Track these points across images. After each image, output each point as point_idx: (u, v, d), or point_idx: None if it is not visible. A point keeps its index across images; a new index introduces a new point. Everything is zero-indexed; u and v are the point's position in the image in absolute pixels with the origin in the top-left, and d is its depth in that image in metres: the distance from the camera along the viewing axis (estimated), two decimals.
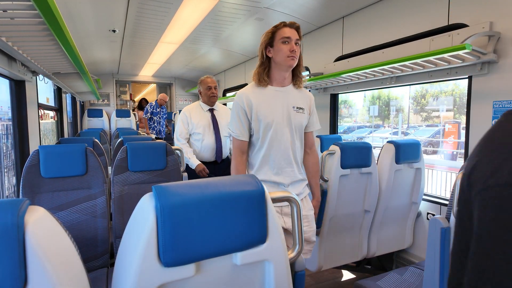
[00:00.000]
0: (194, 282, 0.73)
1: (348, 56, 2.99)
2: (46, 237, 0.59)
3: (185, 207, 0.68)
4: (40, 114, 3.30)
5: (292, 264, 0.95)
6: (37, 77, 3.12)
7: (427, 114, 13.98)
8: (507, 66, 1.82)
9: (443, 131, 10.43)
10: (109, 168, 2.73)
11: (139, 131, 5.89)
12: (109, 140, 5.58)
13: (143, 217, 0.68)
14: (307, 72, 3.51)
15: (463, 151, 2.49)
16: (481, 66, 1.92)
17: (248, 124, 1.55)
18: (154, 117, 5.85)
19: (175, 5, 2.87)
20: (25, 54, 2.29)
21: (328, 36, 3.24)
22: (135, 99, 9.14)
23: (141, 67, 6.17)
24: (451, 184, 5.62)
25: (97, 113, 6.68)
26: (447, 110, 12.18)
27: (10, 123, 2.80)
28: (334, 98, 3.42)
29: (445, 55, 1.85)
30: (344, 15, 3.02)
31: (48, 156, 1.69)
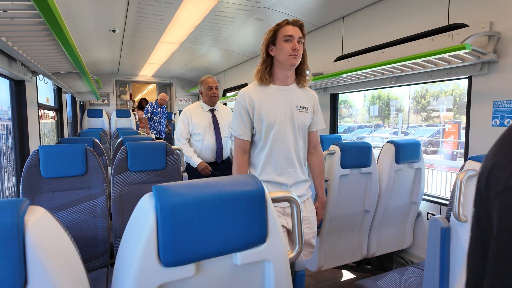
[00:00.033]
0: (194, 282, 0.73)
1: (348, 56, 2.98)
2: (46, 237, 0.59)
3: (185, 207, 0.68)
4: (40, 114, 3.30)
5: (292, 264, 0.95)
6: (37, 77, 3.12)
7: (427, 114, 13.98)
8: (507, 66, 1.82)
9: (443, 131, 10.43)
10: (109, 168, 2.73)
11: (139, 131, 5.89)
12: (109, 140, 5.58)
13: (143, 217, 0.68)
14: (307, 72, 3.50)
15: (463, 151, 2.49)
16: (481, 66, 1.92)
17: (250, 124, 1.52)
18: (155, 117, 5.86)
19: (175, 5, 2.87)
20: (25, 54, 2.29)
21: (328, 36, 3.24)
22: (135, 99, 9.14)
23: (141, 67, 6.17)
24: (451, 184, 5.62)
25: (97, 113, 6.68)
26: (447, 110, 12.19)
27: (10, 123, 2.80)
28: (334, 98, 3.42)
29: (445, 55, 1.85)
30: (344, 15, 3.02)
31: (48, 156, 1.69)
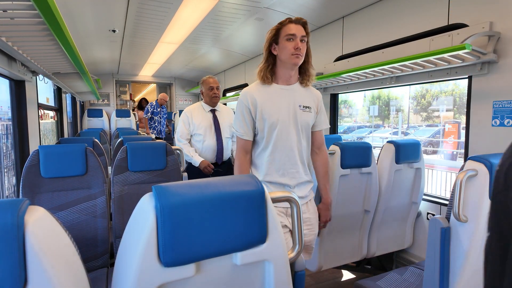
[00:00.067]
0: (194, 282, 0.73)
1: (348, 56, 2.98)
2: (46, 237, 0.59)
3: (185, 207, 0.68)
4: (40, 114, 3.30)
5: (292, 264, 0.95)
6: (37, 77, 3.12)
7: (427, 114, 13.98)
8: (507, 66, 1.82)
9: (443, 131, 10.43)
10: (109, 168, 2.73)
11: (139, 131, 5.89)
12: (109, 140, 5.58)
13: (143, 217, 0.68)
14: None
15: (463, 151, 2.49)
16: (481, 66, 1.92)
17: (253, 123, 1.50)
18: (155, 117, 5.86)
19: (175, 5, 2.87)
20: (25, 54, 2.29)
21: (328, 36, 3.24)
22: (135, 99, 9.14)
23: (141, 67, 6.17)
24: (451, 184, 5.62)
25: (97, 113, 6.68)
26: (447, 110, 12.19)
27: (10, 123, 2.80)
28: (334, 98, 3.42)
29: (445, 55, 1.85)
30: (344, 15, 3.02)
31: (48, 156, 1.69)
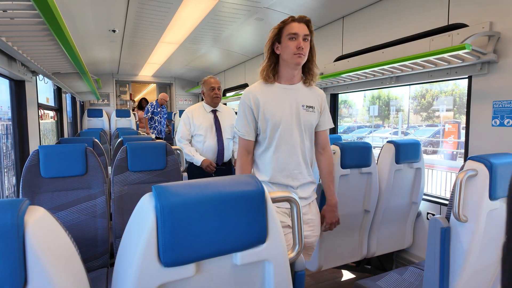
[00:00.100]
0: (194, 282, 0.73)
1: (348, 56, 2.98)
2: (46, 237, 0.59)
3: (185, 207, 0.68)
4: (40, 114, 3.30)
5: (292, 264, 0.95)
6: (37, 77, 3.12)
7: (427, 114, 13.99)
8: (507, 66, 1.82)
9: (443, 131, 10.44)
10: (109, 168, 2.73)
11: (139, 131, 5.90)
12: (109, 140, 5.58)
13: (143, 217, 0.68)
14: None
15: (463, 151, 2.49)
16: (481, 66, 1.92)
17: (255, 123, 1.48)
18: (155, 117, 5.86)
19: (175, 5, 2.87)
20: (25, 54, 2.29)
21: (328, 36, 3.24)
22: (135, 99, 9.15)
23: (141, 67, 6.17)
24: (451, 184, 5.62)
25: (97, 113, 6.68)
26: (447, 110, 12.19)
27: (10, 123, 2.80)
28: (334, 98, 3.42)
29: (445, 55, 1.85)
30: (344, 15, 3.02)
31: (48, 156, 1.69)
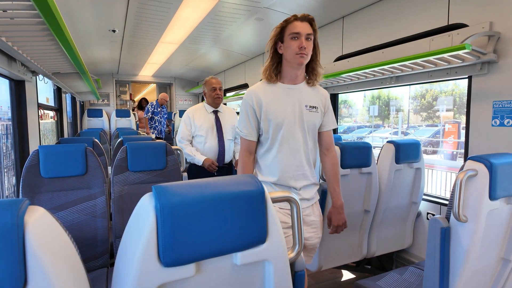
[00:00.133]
0: (194, 282, 0.73)
1: (348, 56, 2.98)
2: (46, 237, 0.59)
3: (185, 207, 0.68)
4: (40, 114, 3.30)
5: (292, 264, 0.95)
6: (37, 77, 3.12)
7: (427, 114, 13.99)
8: (507, 66, 1.82)
9: (443, 131, 10.44)
10: (109, 168, 2.73)
11: (139, 131, 5.90)
12: (109, 140, 5.58)
13: (143, 217, 0.68)
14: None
15: (463, 151, 2.49)
16: (481, 66, 1.92)
17: (257, 124, 1.45)
18: (156, 117, 5.86)
19: (175, 5, 2.87)
20: (25, 54, 2.29)
21: (328, 36, 3.24)
22: (135, 99, 9.15)
23: (141, 67, 6.17)
24: (451, 184, 5.62)
25: (97, 113, 6.68)
26: (447, 110, 12.20)
27: (10, 123, 2.80)
28: (334, 98, 3.42)
29: (445, 55, 1.85)
30: (344, 15, 3.02)
31: (48, 156, 1.69)
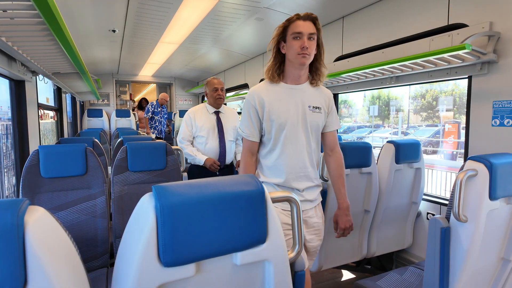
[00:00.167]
0: (194, 282, 0.73)
1: (348, 56, 2.98)
2: (46, 237, 0.59)
3: (185, 207, 0.68)
4: (40, 114, 3.30)
5: (292, 264, 0.95)
6: (37, 77, 3.12)
7: (427, 114, 14.00)
8: (507, 66, 1.82)
9: (443, 131, 10.44)
10: (109, 168, 2.73)
11: (139, 131, 5.90)
12: (109, 140, 5.58)
13: (143, 217, 0.68)
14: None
15: (463, 151, 2.49)
16: (481, 66, 1.92)
17: (259, 124, 1.44)
18: (156, 117, 5.86)
19: (175, 5, 2.87)
20: (25, 54, 2.29)
21: (328, 36, 3.24)
22: (135, 99, 9.15)
23: (141, 67, 6.17)
24: (451, 184, 5.62)
25: (97, 113, 6.68)
26: (447, 110, 12.21)
27: (10, 123, 2.80)
28: (334, 98, 3.40)
29: (445, 55, 1.85)
30: (344, 15, 3.02)
31: (48, 156, 1.69)
